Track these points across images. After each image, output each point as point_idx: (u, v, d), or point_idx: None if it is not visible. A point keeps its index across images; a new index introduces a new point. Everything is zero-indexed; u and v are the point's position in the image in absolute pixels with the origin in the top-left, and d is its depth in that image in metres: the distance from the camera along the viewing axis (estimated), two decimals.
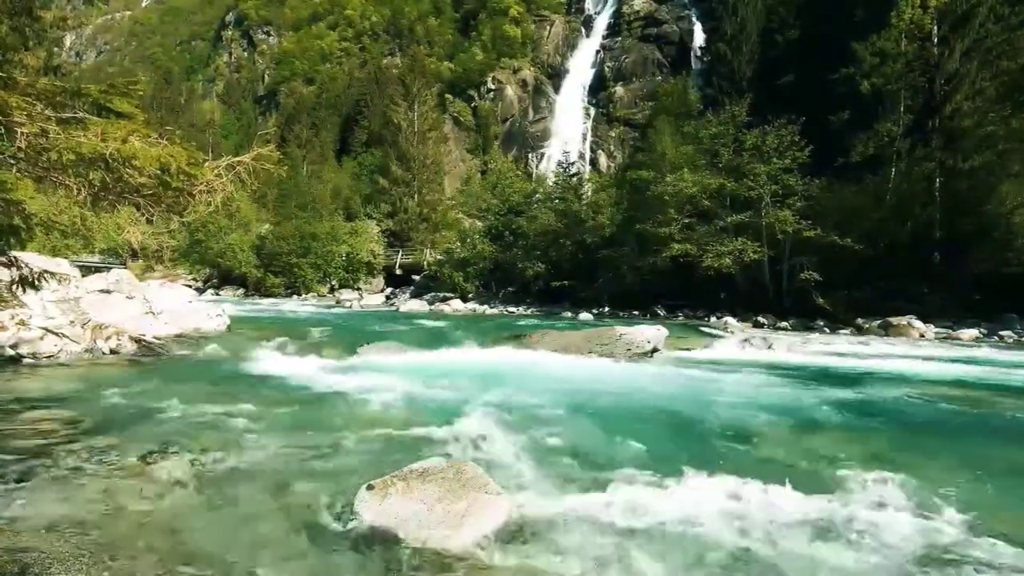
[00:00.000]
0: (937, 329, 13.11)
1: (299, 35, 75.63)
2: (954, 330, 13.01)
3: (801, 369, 8.08)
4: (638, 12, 55.01)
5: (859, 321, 14.31)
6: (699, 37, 48.60)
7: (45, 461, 3.36)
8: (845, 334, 13.55)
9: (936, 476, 3.49)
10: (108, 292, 9.37)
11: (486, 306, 23.19)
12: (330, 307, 23.91)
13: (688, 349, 10.17)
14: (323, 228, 32.45)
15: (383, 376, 6.43)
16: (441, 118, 47.01)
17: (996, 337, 12.30)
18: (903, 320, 13.29)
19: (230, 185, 3.83)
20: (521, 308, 22.28)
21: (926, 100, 17.06)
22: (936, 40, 16.92)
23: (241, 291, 32.11)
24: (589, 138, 52.90)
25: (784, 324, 15.19)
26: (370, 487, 2.82)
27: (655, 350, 9.08)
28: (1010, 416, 5.45)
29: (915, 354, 9.74)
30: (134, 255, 34.86)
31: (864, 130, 17.44)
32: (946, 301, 14.54)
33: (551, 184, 28.60)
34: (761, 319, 15.55)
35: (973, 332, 12.67)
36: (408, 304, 24.05)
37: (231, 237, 32.82)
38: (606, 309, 20.13)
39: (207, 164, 3.75)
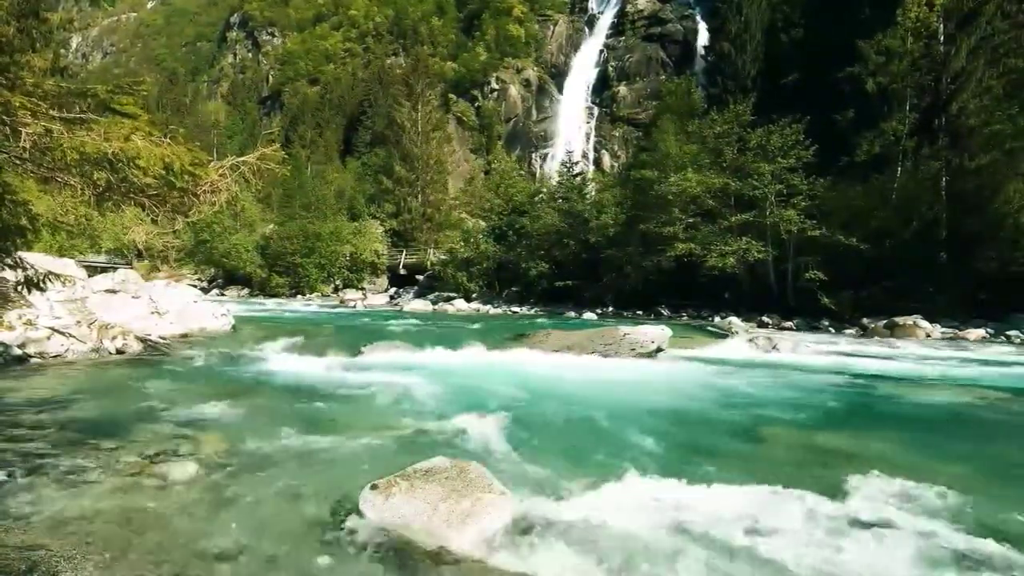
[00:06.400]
0: (943, 329, 13.00)
1: (303, 36, 75.89)
2: (960, 330, 12.90)
3: (806, 369, 8.04)
4: (642, 11, 54.95)
5: (864, 321, 14.21)
6: (703, 36, 48.31)
7: (52, 460, 3.38)
8: (850, 334, 13.48)
9: (942, 477, 3.46)
10: (114, 292, 9.44)
11: (489, 306, 23.18)
12: (334, 307, 23.97)
13: (692, 349, 10.13)
14: (327, 228, 32.57)
15: (387, 376, 6.44)
16: (445, 118, 47.03)
17: (1003, 337, 12.19)
18: (909, 320, 13.18)
19: (235, 185, 3.84)
20: (525, 308, 22.27)
21: (932, 99, 16.92)
22: (942, 38, 16.77)
23: (246, 291, 32.24)
24: (593, 138, 52.87)
25: (789, 324, 15.12)
26: (374, 487, 2.82)
27: (659, 350, 9.06)
28: (1018, 417, 5.41)
29: (921, 354, 9.68)
30: (139, 255, 35.09)
31: (869, 129, 17.33)
32: (952, 301, 14.41)
33: (555, 184, 28.57)
34: (765, 319, 15.49)
35: (980, 332, 12.56)
36: (412, 304, 24.07)
37: (235, 237, 32.97)
38: (610, 309, 20.09)
39: (212, 164, 3.76)
